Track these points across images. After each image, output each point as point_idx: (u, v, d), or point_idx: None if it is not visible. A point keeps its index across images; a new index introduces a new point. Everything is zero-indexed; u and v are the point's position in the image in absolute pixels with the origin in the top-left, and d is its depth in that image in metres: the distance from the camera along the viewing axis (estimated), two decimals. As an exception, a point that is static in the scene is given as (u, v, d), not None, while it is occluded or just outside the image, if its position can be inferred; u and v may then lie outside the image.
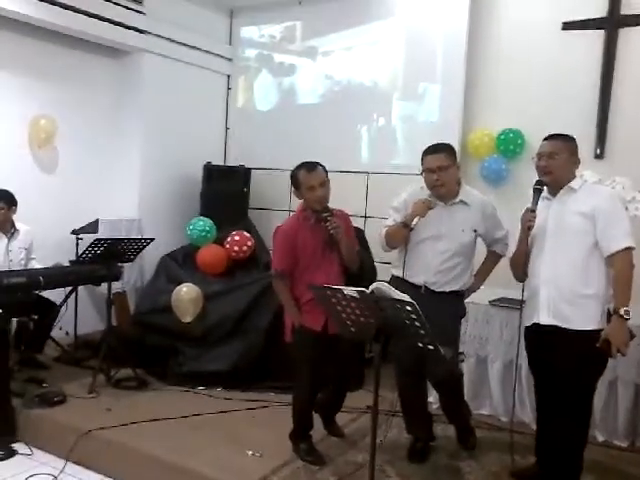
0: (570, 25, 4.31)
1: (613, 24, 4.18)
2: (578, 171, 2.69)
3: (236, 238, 4.69)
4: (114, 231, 4.80)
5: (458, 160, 3.03)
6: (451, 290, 2.92)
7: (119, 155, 5.26)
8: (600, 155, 4.24)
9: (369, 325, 2.22)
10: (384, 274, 3.36)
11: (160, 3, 5.18)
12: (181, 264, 4.79)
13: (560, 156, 2.58)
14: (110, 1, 4.76)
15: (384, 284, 2.21)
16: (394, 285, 2.24)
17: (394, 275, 3.01)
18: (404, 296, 2.11)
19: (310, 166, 2.88)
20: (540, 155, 2.63)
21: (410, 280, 2.92)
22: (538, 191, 2.63)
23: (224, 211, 5.09)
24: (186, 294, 4.29)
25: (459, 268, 2.93)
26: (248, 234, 4.78)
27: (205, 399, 3.83)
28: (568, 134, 2.66)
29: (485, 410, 3.70)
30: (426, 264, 2.90)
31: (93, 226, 4.77)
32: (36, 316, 4.20)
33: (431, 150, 2.88)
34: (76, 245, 4.62)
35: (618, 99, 4.20)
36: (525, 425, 3.46)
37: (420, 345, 2.15)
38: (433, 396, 3.62)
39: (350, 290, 2.20)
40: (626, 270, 2.47)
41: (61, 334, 4.56)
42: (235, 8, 5.86)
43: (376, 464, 2.34)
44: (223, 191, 5.26)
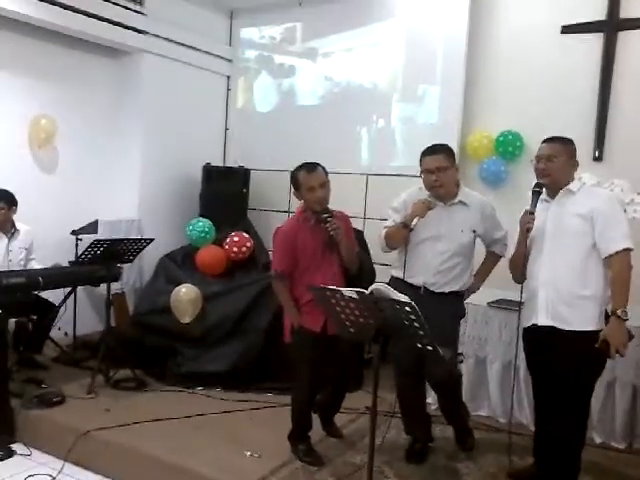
0: (569, 28, 4.32)
1: (612, 27, 4.20)
2: (577, 173, 2.70)
3: (235, 239, 4.69)
4: (113, 232, 4.80)
5: (457, 162, 3.03)
6: (451, 291, 2.93)
7: (119, 155, 5.26)
8: (599, 157, 4.25)
9: (368, 326, 2.22)
10: (383, 275, 3.36)
11: (160, 4, 5.19)
12: (180, 265, 4.79)
13: (559, 159, 2.59)
14: (110, 1, 4.77)
15: (383, 285, 2.21)
16: (393, 286, 2.24)
17: (394, 276, 3.02)
18: (403, 297, 2.11)
19: (310, 167, 2.88)
20: (539, 158, 2.65)
21: (409, 281, 2.93)
22: (537, 193, 2.65)
23: (223, 212, 5.09)
24: (185, 295, 4.29)
25: (458, 268, 2.93)
26: (247, 235, 4.79)
27: (204, 400, 3.83)
28: (567, 137, 2.67)
29: (483, 411, 3.71)
30: (426, 265, 2.91)
31: (93, 227, 4.78)
32: (35, 316, 4.20)
33: (430, 151, 2.89)
34: (75, 245, 4.62)
35: (617, 102, 4.21)
36: (523, 426, 3.47)
37: (419, 346, 2.16)
38: (431, 397, 3.63)
39: (349, 291, 2.21)
40: (624, 271, 2.48)
41: (60, 334, 4.56)
42: (235, 9, 5.86)
43: (374, 465, 2.34)
44: (222, 192, 5.27)
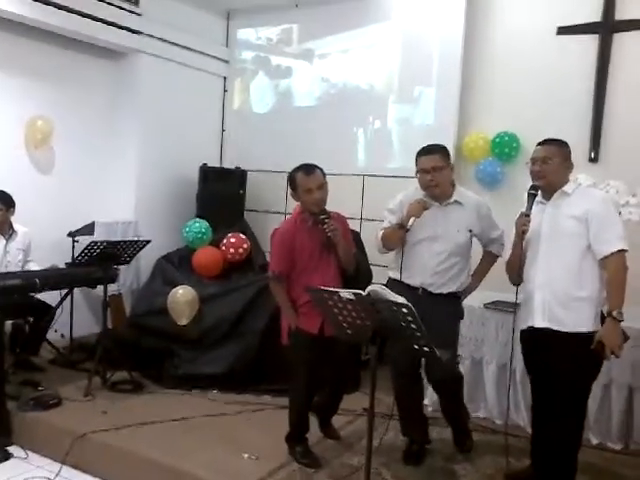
0: (565, 30, 4.34)
1: (607, 29, 4.22)
2: (572, 175, 2.71)
3: (232, 240, 4.69)
4: (110, 233, 4.80)
5: (453, 163, 3.04)
6: (449, 292, 2.94)
7: (115, 156, 5.25)
8: (594, 159, 4.27)
9: (365, 327, 2.22)
10: (380, 276, 3.37)
11: (156, 4, 5.18)
12: (177, 266, 4.78)
13: (553, 161, 2.60)
14: (106, 2, 4.76)
15: (380, 286, 2.22)
16: (391, 288, 2.24)
17: (391, 277, 3.02)
18: (400, 298, 2.12)
19: (308, 169, 2.88)
20: (534, 160, 2.66)
21: (407, 282, 2.93)
22: (532, 196, 2.66)
23: (220, 213, 5.09)
24: (182, 296, 4.28)
25: (456, 268, 2.94)
26: (244, 236, 4.78)
27: (201, 402, 3.82)
28: (561, 139, 2.68)
29: (480, 413, 3.71)
30: (423, 265, 2.91)
31: (89, 228, 4.77)
32: (31, 318, 4.19)
33: (425, 151, 2.90)
34: (72, 247, 4.61)
35: (612, 103, 4.23)
36: (520, 428, 3.47)
37: (416, 347, 2.16)
38: (428, 399, 3.64)
39: (346, 292, 2.21)
40: (619, 272, 2.49)
41: (56, 336, 4.54)
42: (232, 10, 5.86)
43: (372, 467, 2.34)
44: (219, 193, 5.27)
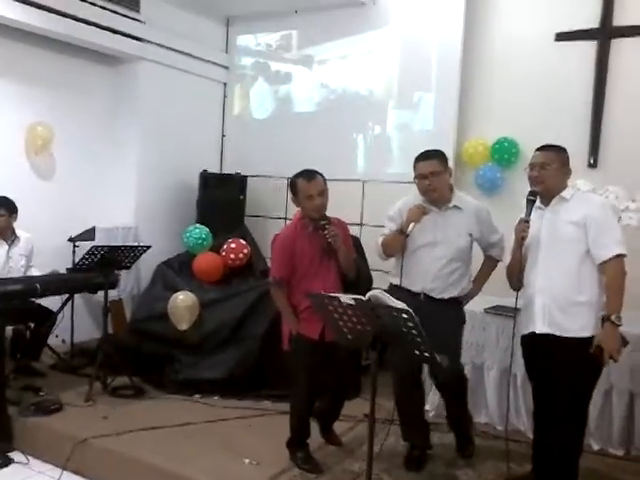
0: (563, 36, 4.37)
1: (605, 35, 4.25)
2: (571, 181, 2.72)
3: (232, 246, 4.69)
4: (110, 239, 4.81)
5: (453, 168, 3.06)
6: (450, 297, 2.94)
7: (115, 162, 5.26)
8: (593, 164, 4.28)
9: (366, 333, 2.22)
10: (379, 282, 3.37)
11: (157, 11, 5.21)
12: (177, 272, 4.78)
13: (552, 166, 2.62)
14: (107, 9, 4.79)
15: (380, 292, 2.22)
16: (393, 293, 2.25)
17: (392, 284, 3.03)
18: (401, 304, 2.12)
19: (309, 175, 2.88)
20: (532, 165, 2.67)
21: (408, 288, 2.94)
22: (531, 201, 2.67)
23: (220, 219, 5.09)
24: (182, 302, 4.29)
25: (457, 273, 2.95)
26: (244, 242, 4.79)
27: (201, 407, 3.82)
28: (560, 145, 2.70)
29: (481, 418, 3.69)
30: (424, 271, 2.92)
31: (90, 233, 4.78)
32: (32, 324, 4.19)
33: (423, 157, 2.92)
34: (73, 252, 4.62)
35: (611, 109, 4.25)
36: (521, 433, 3.47)
37: (417, 353, 2.16)
38: (430, 404, 3.64)
39: (347, 298, 2.21)
40: (618, 277, 2.51)
41: (57, 342, 4.55)
42: (231, 16, 5.89)
43: (373, 473, 2.33)
44: (219, 199, 5.28)
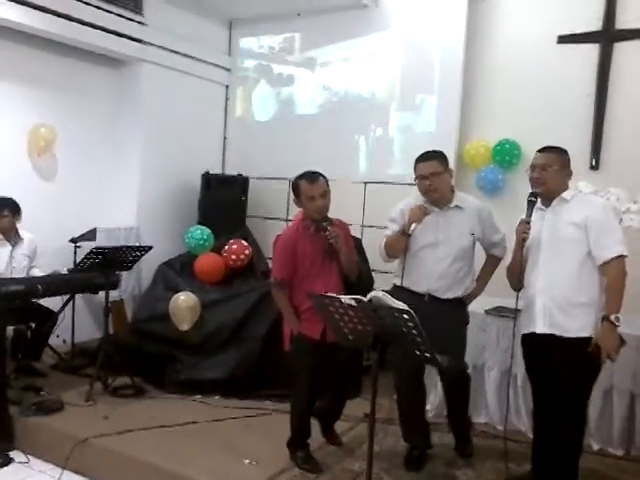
0: (565, 39, 4.38)
1: (608, 38, 4.26)
2: (572, 182, 2.73)
3: (234, 246, 4.71)
4: (112, 239, 4.82)
5: (454, 170, 3.07)
6: (454, 297, 2.95)
7: (118, 164, 5.28)
8: (595, 166, 4.29)
9: (366, 333, 2.23)
10: (380, 282, 3.38)
11: (160, 14, 5.23)
12: (179, 272, 4.79)
13: (552, 168, 2.63)
14: (110, 11, 4.81)
15: (381, 292, 2.23)
16: (397, 295, 2.25)
17: (396, 285, 3.03)
18: (401, 304, 2.13)
19: (312, 177, 2.89)
20: (533, 167, 2.69)
21: (413, 289, 2.95)
22: (532, 203, 2.68)
23: (222, 219, 5.11)
24: (183, 302, 4.30)
25: (462, 272, 2.97)
26: (246, 242, 4.80)
27: (202, 407, 3.82)
28: (561, 147, 2.71)
29: (481, 418, 3.70)
30: (428, 272, 2.93)
31: (91, 234, 4.79)
32: (33, 324, 4.20)
33: (423, 158, 2.94)
34: (74, 253, 4.63)
35: (613, 111, 4.26)
36: (521, 433, 3.48)
37: (417, 353, 2.17)
38: (430, 404, 3.64)
39: (348, 298, 2.22)
40: (618, 278, 2.52)
41: (58, 342, 4.55)
42: (234, 19, 5.91)
43: (373, 472, 2.34)
44: (221, 200, 5.29)
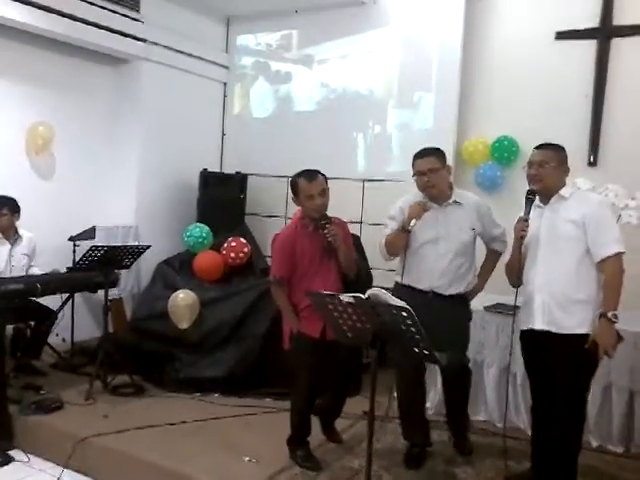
0: (563, 35, 4.38)
1: (605, 34, 4.26)
2: (570, 179, 2.73)
3: (232, 244, 4.70)
4: (111, 238, 4.82)
5: (453, 167, 3.07)
6: (457, 292, 2.96)
7: (116, 162, 5.27)
8: (593, 163, 4.29)
9: (365, 331, 2.23)
10: (379, 280, 3.38)
11: (157, 11, 5.22)
12: (178, 270, 4.79)
13: (550, 165, 2.63)
14: (108, 9, 4.79)
15: (380, 290, 2.23)
16: (399, 293, 2.25)
17: (398, 283, 3.02)
18: (400, 302, 2.13)
19: (311, 175, 2.88)
20: (530, 164, 2.69)
21: (415, 286, 2.95)
22: (530, 200, 2.68)
23: (220, 217, 5.10)
24: (182, 300, 4.30)
25: (463, 268, 2.98)
26: (244, 240, 4.80)
27: (202, 405, 3.83)
28: (558, 144, 2.71)
29: (481, 416, 3.71)
30: (429, 268, 2.93)
31: (90, 233, 4.78)
32: (33, 323, 4.20)
33: (421, 154, 2.94)
34: (73, 252, 4.63)
35: (610, 108, 4.26)
36: (520, 431, 3.48)
37: (416, 350, 2.17)
38: (430, 401, 3.65)
39: (347, 296, 2.22)
40: (616, 275, 2.52)
41: (58, 341, 4.55)
42: (232, 16, 5.89)
43: (372, 470, 2.35)
44: (219, 198, 5.29)
